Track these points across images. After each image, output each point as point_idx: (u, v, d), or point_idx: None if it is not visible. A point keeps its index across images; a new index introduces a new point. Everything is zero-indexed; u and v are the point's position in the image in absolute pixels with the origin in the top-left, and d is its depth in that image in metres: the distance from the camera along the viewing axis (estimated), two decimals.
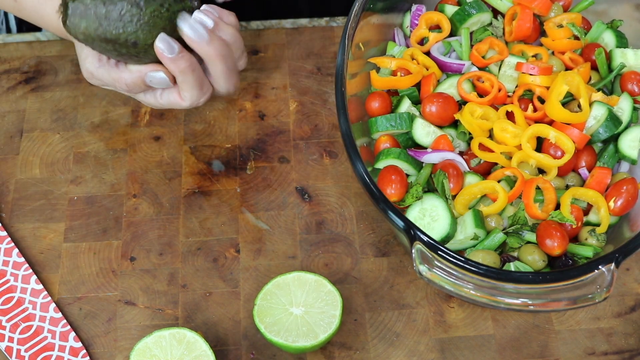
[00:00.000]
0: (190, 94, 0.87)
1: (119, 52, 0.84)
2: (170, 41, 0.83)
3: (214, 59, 0.86)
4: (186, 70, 0.85)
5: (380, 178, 0.86)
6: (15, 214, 0.94)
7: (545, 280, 0.76)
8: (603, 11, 1.02)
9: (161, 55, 0.83)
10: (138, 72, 0.86)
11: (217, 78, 0.88)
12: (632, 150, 0.89)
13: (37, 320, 0.86)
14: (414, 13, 1.00)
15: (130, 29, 0.81)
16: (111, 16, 0.81)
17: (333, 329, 0.80)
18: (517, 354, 0.84)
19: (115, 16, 0.81)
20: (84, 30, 0.82)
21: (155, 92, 0.90)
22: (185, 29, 0.84)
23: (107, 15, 0.81)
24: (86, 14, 0.81)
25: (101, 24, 0.81)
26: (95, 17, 0.81)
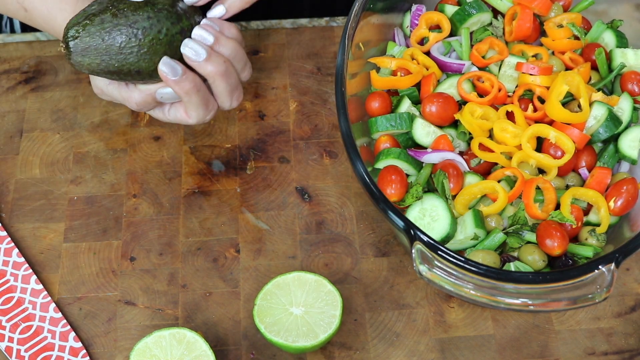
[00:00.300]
0: (197, 112, 0.87)
1: (124, 79, 0.85)
2: (172, 64, 0.83)
3: (216, 77, 0.85)
4: (191, 91, 0.85)
5: (380, 178, 0.86)
6: (15, 214, 0.94)
7: (545, 280, 0.76)
8: (603, 11, 1.02)
9: (165, 79, 0.83)
10: (147, 91, 0.87)
11: (220, 95, 0.88)
12: (632, 150, 0.89)
13: (37, 320, 0.86)
14: (414, 13, 1.00)
15: (131, 59, 0.82)
16: (111, 50, 0.82)
17: (333, 329, 0.80)
18: (517, 354, 0.84)
19: (115, 50, 0.82)
20: (87, 66, 0.83)
21: (163, 108, 0.90)
22: (183, 50, 0.84)
23: (108, 50, 0.82)
24: (87, 51, 0.82)
25: (103, 59, 0.82)
26: (97, 52, 0.82)
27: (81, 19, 0.83)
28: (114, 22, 0.82)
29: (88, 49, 0.82)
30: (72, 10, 0.89)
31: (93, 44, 0.82)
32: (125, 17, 0.82)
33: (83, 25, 0.82)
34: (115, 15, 0.82)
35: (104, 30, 0.82)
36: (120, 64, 0.83)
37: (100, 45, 0.82)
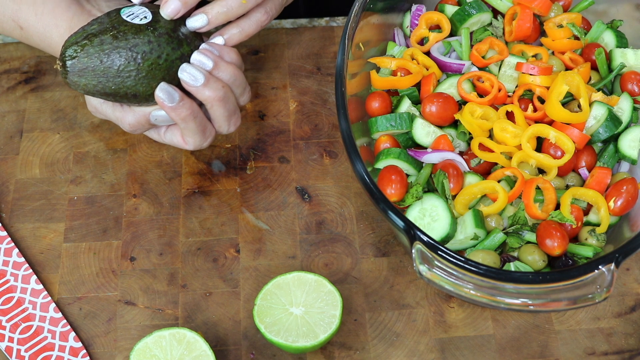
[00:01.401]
0: (193, 139, 0.86)
1: (120, 101, 0.84)
2: (170, 90, 0.82)
3: (213, 102, 0.84)
4: (187, 118, 0.83)
5: (380, 178, 0.86)
6: (15, 214, 0.94)
7: (545, 280, 0.76)
8: (603, 11, 1.02)
9: (162, 104, 0.82)
10: (142, 112, 0.86)
11: (217, 120, 0.87)
12: (632, 150, 0.89)
13: (37, 320, 0.86)
14: (414, 13, 1.00)
15: (129, 83, 0.81)
16: (109, 73, 0.81)
17: (333, 329, 0.80)
18: (517, 354, 0.84)
19: (113, 72, 0.81)
20: (83, 86, 0.82)
21: (159, 130, 0.89)
22: (181, 75, 0.82)
23: (105, 72, 0.81)
24: (84, 71, 0.81)
25: (100, 81, 0.81)
26: (94, 74, 0.81)
27: (80, 38, 0.81)
28: (114, 44, 0.80)
29: (85, 69, 0.81)
30: (68, 26, 0.88)
31: (91, 65, 0.80)
32: (126, 39, 0.81)
33: (82, 46, 0.80)
34: (116, 38, 0.80)
35: (102, 52, 0.80)
36: (117, 87, 0.81)
37: (98, 67, 0.80)
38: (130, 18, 0.82)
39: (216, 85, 0.83)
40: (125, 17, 0.82)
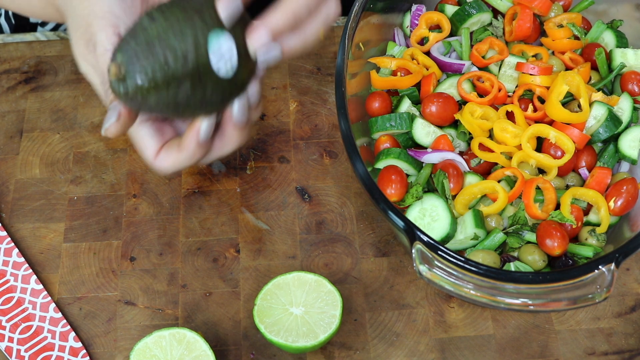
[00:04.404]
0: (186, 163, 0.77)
1: (159, 116, 0.72)
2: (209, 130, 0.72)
3: (238, 131, 0.75)
4: (200, 153, 0.76)
5: (380, 178, 0.86)
6: (15, 214, 0.94)
7: (545, 280, 0.76)
8: (603, 11, 1.02)
9: (195, 136, 0.72)
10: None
11: (228, 143, 0.77)
12: (632, 150, 0.89)
13: (37, 320, 0.86)
14: (414, 13, 1.00)
15: (186, 114, 0.70)
16: (168, 107, 0.67)
17: (333, 329, 0.80)
18: (517, 354, 0.84)
19: (172, 106, 0.67)
20: (136, 109, 0.68)
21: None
22: (235, 112, 0.72)
23: (165, 107, 0.67)
24: (141, 103, 0.66)
25: (153, 109, 0.68)
26: (156, 107, 0.67)
27: (159, 77, 0.65)
28: (190, 93, 0.66)
29: (144, 103, 0.66)
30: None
31: (153, 103, 0.67)
32: (203, 92, 0.67)
33: (156, 87, 0.65)
34: (194, 88, 0.66)
35: (175, 98, 0.66)
36: (164, 113, 0.69)
37: (160, 105, 0.67)
38: (216, 59, 0.66)
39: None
40: (213, 58, 0.65)
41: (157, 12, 0.65)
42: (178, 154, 0.72)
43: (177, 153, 0.72)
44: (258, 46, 0.68)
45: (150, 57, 0.64)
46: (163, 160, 0.73)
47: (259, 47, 0.68)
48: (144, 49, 0.64)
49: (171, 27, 0.64)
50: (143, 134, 0.73)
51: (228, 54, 0.66)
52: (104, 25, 0.69)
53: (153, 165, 0.73)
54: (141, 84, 0.64)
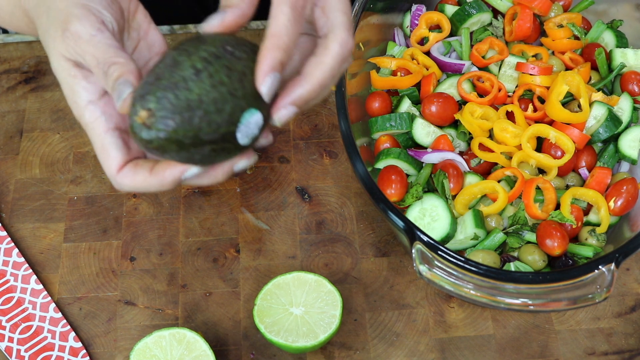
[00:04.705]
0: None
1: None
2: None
3: (225, 175, 0.70)
4: (173, 186, 0.70)
5: (380, 178, 0.86)
6: (15, 214, 0.94)
7: (545, 280, 0.76)
8: (603, 11, 1.02)
9: (191, 178, 0.68)
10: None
11: (206, 179, 0.72)
12: (632, 150, 0.89)
13: (37, 320, 0.86)
14: (414, 13, 1.00)
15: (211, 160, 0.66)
16: (191, 160, 0.64)
17: (333, 329, 0.80)
18: (517, 354, 0.84)
19: (183, 158, 0.64)
20: (144, 149, 0.64)
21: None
22: (236, 168, 0.68)
23: (185, 159, 0.64)
24: (156, 148, 0.62)
25: (184, 158, 0.64)
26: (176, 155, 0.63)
27: (186, 140, 0.61)
28: (205, 156, 0.63)
29: (161, 152, 0.63)
30: None
31: (170, 155, 0.63)
32: (218, 158, 0.65)
33: (177, 145, 0.62)
34: (214, 151, 0.63)
35: (191, 156, 0.63)
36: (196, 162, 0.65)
37: (176, 157, 0.63)
38: (243, 133, 0.63)
39: None
40: (240, 132, 0.63)
41: (202, 62, 0.61)
42: (148, 178, 0.66)
43: (148, 176, 0.66)
44: (283, 119, 0.65)
45: (185, 121, 0.60)
46: (128, 177, 0.67)
47: (283, 118, 0.66)
48: (182, 109, 0.60)
49: (214, 95, 0.61)
50: (109, 142, 0.67)
51: (254, 129, 0.64)
52: (86, 14, 0.66)
53: (113, 178, 0.68)
54: (165, 139, 0.61)
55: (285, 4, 0.61)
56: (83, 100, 0.67)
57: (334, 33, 0.63)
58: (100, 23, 0.66)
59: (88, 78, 0.66)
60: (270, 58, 0.60)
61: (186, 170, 0.65)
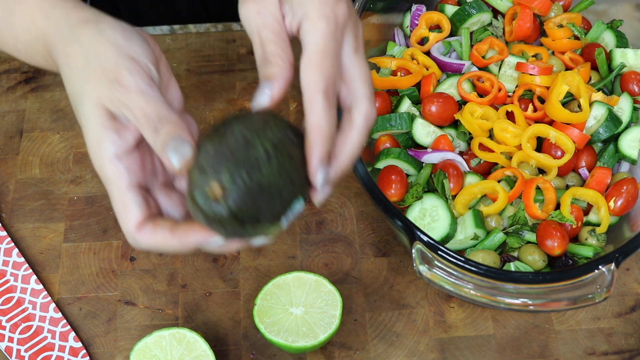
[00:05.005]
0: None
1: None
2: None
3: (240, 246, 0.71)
4: (192, 250, 0.69)
5: (380, 178, 0.86)
6: (15, 214, 0.94)
7: (545, 280, 0.76)
8: (603, 11, 1.02)
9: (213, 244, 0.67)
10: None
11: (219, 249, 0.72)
12: (632, 150, 0.89)
13: (37, 320, 0.86)
14: (414, 13, 1.00)
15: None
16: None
17: (333, 329, 0.80)
18: (517, 354, 0.84)
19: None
20: (195, 217, 0.63)
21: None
22: (254, 243, 0.67)
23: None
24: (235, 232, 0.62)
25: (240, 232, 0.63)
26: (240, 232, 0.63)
27: (245, 220, 0.61)
28: (246, 232, 0.63)
29: (212, 224, 0.63)
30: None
31: (219, 229, 0.63)
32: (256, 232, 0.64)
33: (232, 223, 0.61)
34: (255, 231, 0.63)
35: (235, 233, 0.63)
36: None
37: (222, 232, 0.63)
38: (287, 219, 0.64)
39: None
40: (285, 218, 0.64)
41: (272, 146, 0.60)
42: (168, 238, 0.65)
43: (168, 236, 0.65)
44: (322, 201, 0.66)
45: (252, 202, 0.60)
46: (147, 236, 0.66)
47: (322, 200, 0.66)
48: (253, 191, 0.60)
49: (278, 182, 0.61)
50: (130, 199, 0.66)
51: (296, 215, 0.65)
52: (137, 68, 0.65)
53: (131, 236, 0.66)
54: (227, 215, 0.60)
55: (318, 92, 0.61)
56: (109, 152, 0.65)
57: (357, 106, 0.64)
58: (149, 78, 0.65)
59: (119, 131, 0.65)
60: (318, 152, 0.61)
61: (210, 238, 0.64)
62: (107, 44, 0.66)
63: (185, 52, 1.07)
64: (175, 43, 1.08)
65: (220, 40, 1.08)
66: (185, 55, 1.07)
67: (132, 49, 0.66)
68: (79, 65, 0.67)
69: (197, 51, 1.07)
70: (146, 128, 0.64)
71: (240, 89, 1.04)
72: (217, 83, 1.04)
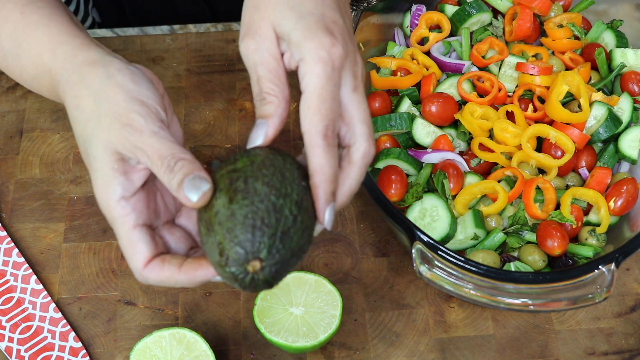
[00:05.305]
0: None
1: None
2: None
3: None
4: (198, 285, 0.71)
5: (380, 178, 0.86)
6: (15, 214, 0.94)
7: (545, 280, 0.76)
8: (603, 11, 1.02)
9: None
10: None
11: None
12: (632, 150, 0.89)
13: (37, 320, 0.86)
14: (414, 13, 1.00)
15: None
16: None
17: (333, 329, 0.80)
18: (517, 354, 0.84)
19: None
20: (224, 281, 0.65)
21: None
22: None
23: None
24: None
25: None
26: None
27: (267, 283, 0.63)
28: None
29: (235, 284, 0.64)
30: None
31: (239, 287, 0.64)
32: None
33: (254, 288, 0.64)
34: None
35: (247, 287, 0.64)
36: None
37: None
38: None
39: None
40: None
41: (295, 207, 0.63)
42: (176, 274, 0.67)
43: (176, 272, 0.67)
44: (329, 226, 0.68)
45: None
46: (154, 272, 0.67)
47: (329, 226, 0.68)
48: (286, 259, 0.62)
49: (304, 240, 0.64)
50: (137, 238, 0.68)
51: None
52: (147, 112, 0.66)
53: (139, 273, 0.68)
54: (260, 285, 0.62)
55: (318, 135, 0.63)
56: (117, 194, 0.66)
57: (356, 145, 0.65)
58: (159, 121, 0.67)
59: (127, 174, 0.66)
60: (323, 194, 0.63)
61: (219, 276, 0.66)
62: (117, 88, 0.68)
63: (186, 52, 1.07)
64: (175, 43, 1.08)
65: (220, 40, 1.08)
66: (186, 55, 1.07)
67: (142, 92, 0.68)
68: (88, 108, 0.68)
69: (197, 51, 1.07)
70: (161, 168, 0.65)
71: (240, 88, 1.04)
72: (217, 83, 1.04)
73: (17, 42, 0.75)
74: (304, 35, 0.65)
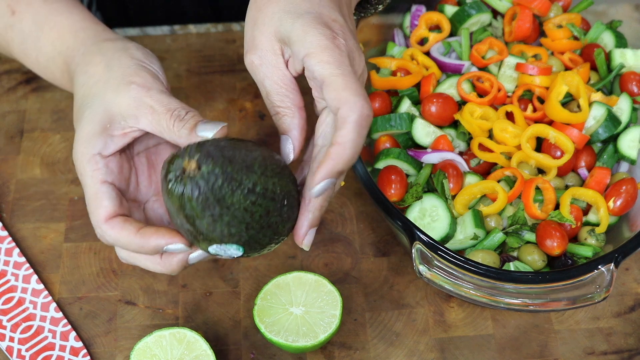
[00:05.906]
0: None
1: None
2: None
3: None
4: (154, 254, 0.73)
5: (380, 178, 0.86)
6: (16, 214, 0.94)
7: (545, 280, 0.76)
8: (602, 11, 1.02)
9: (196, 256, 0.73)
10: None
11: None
12: (632, 150, 0.89)
13: (38, 320, 0.86)
14: (414, 13, 1.00)
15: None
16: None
17: (333, 328, 0.80)
18: (517, 354, 0.85)
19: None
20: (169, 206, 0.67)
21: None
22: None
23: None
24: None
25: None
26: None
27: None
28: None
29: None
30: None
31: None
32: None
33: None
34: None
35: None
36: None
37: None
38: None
39: None
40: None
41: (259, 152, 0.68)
42: (132, 237, 0.68)
43: (133, 235, 0.68)
44: (320, 191, 0.70)
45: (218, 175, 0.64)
46: (115, 229, 0.69)
47: (321, 191, 0.70)
48: (223, 167, 0.65)
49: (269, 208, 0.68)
50: (103, 191, 0.69)
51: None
52: (156, 79, 0.73)
53: (99, 226, 0.69)
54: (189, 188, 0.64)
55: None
56: (95, 149, 0.70)
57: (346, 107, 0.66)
58: (166, 89, 0.73)
59: (112, 136, 0.70)
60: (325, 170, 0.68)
61: (171, 243, 0.68)
62: (129, 57, 0.73)
63: (186, 53, 1.07)
64: (175, 43, 1.08)
65: (220, 41, 1.08)
66: (186, 55, 1.07)
67: (152, 66, 0.74)
68: (98, 73, 0.73)
69: (198, 51, 1.07)
70: (170, 120, 0.69)
71: (240, 89, 1.04)
72: (217, 83, 1.05)
73: (39, 26, 0.80)
74: (304, 30, 0.66)
